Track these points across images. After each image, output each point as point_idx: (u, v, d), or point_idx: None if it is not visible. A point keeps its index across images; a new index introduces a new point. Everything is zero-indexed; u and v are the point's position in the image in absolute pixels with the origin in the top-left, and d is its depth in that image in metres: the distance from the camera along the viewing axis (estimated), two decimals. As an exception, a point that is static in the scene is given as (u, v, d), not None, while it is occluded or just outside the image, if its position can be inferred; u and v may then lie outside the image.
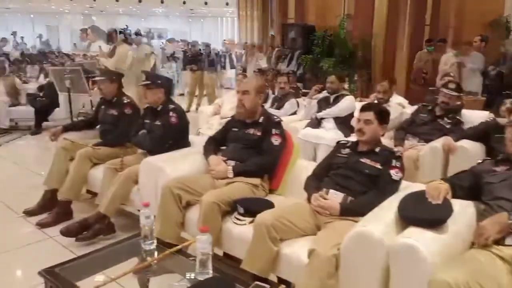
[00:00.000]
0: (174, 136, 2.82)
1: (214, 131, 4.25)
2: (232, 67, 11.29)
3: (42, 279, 1.66)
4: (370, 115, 2.13)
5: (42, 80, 8.26)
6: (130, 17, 26.99)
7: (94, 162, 3.01)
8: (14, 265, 2.39)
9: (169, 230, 2.23)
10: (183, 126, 2.91)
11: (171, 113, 2.78)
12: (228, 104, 4.77)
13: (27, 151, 5.29)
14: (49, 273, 1.67)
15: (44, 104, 5.98)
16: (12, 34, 15.72)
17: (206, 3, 23.41)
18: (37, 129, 5.94)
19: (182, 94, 9.71)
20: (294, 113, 4.79)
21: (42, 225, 2.81)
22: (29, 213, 2.98)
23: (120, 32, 7.60)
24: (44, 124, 5.97)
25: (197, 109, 7.46)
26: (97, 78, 3.27)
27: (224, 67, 10.79)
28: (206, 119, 4.95)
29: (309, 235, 2.00)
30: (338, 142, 2.40)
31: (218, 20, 29.32)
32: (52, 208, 3.05)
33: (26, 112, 6.03)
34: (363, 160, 2.13)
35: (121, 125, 3.10)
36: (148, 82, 2.82)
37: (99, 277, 1.61)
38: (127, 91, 5.78)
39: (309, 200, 2.14)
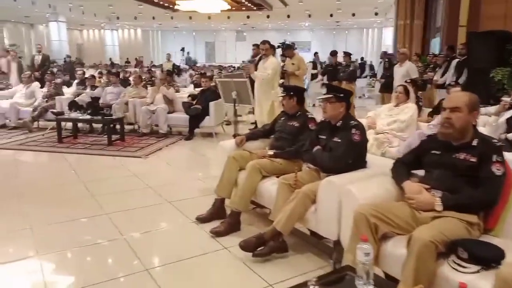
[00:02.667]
0: (355, 155, 2.47)
1: (372, 147, 3.86)
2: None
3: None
4: None
5: (192, 89, 9.03)
6: (277, 31, 28.27)
7: (264, 174, 2.88)
8: (194, 274, 2.35)
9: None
10: (364, 144, 2.55)
11: (353, 130, 2.44)
12: (385, 118, 4.19)
13: (183, 155, 5.64)
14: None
15: (198, 112, 6.38)
16: (181, 50, 17.88)
17: (353, 15, 23.00)
18: (190, 135, 6.39)
19: (314, 105, 9.43)
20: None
21: (215, 233, 2.78)
22: (201, 220, 3.00)
23: (278, 47, 7.76)
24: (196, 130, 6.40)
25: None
26: (281, 95, 3.15)
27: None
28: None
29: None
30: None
31: (363, 31, 28.55)
32: (221, 216, 3.03)
33: (181, 119, 6.54)
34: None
35: (302, 139, 2.90)
36: (330, 95, 2.53)
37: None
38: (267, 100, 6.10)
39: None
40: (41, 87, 7.60)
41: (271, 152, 3.01)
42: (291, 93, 3.10)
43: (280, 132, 3.19)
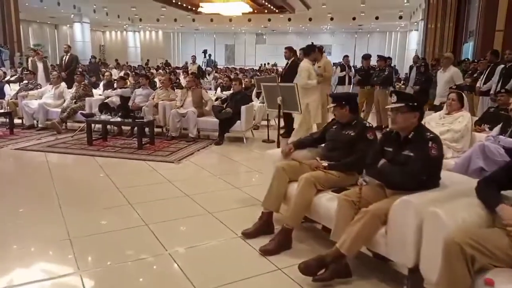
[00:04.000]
0: (431, 171, 2.22)
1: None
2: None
3: None
4: None
5: (219, 92, 8.87)
6: (298, 35, 28.05)
7: (318, 188, 2.66)
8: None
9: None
10: (441, 160, 2.29)
11: (430, 143, 2.19)
12: (436, 127, 3.88)
13: (216, 161, 5.42)
14: None
15: (229, 116, 6.20)
16: (203, 52, 17.85)
17: (377, 18, 22.60)
18: (220, 140, 6.20)
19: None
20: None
21: (265, 252, 2.57)
22: (247, 235, 2.79)
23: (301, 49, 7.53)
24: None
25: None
26: (331, 105, 2.92)
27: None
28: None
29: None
30: None
31: (386, 35, 28.05)
32: (269, 231, 2.82)
33: (211, 123, 6.37)
34: None
35: (360, 150, 2.67)
36: (401, 104, 2.29)
37: None
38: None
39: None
40: (68, 88, 7.55)
41: (325, 164, 2.79)
42: (343, 102, 2.87)
43: (333, 141, 2.96)
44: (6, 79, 8.88)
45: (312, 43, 7.29)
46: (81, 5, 19.71)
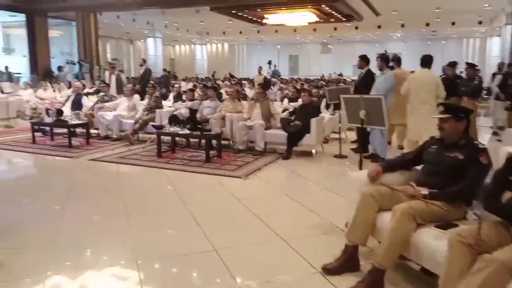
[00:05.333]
0: None
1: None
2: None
3: None
4: None
5: (286, 103, 8.55)
6: (365, 43, 27.04)
7: (418, 222, 2.21)
8: None
9: None
10: None
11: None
12: None
13: (285, 177, 5.08)
14: None
15: (298, 129, 5.87)
16: (268, 63, 17.81)
17: (453, 24, 21.01)
18: (288, 154, 5.88)
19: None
20: None
21: (352, 297, 2.18)
22: (328, 271, 2.42)
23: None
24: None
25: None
26: (439, 116, 2.45)
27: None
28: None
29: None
30: None
31: (463, 41, 25.99)
32: (354, 267, 2.43)
33: (278, 136, 6.07)
34: None
35: (471, 177, 2.19)
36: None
37: None
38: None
39: None
40: (141, 100, 7.75)
41: (425, 192, 2.34)
42: (461, 114, 2.39)
43: (433, 164, 2.49)
44: (85, 91, 9.42)
45: (385, 51, 6.83)
46: (154, 21, 20.75)
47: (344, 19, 20.01)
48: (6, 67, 14.57)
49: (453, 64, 7.15)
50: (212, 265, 2.61)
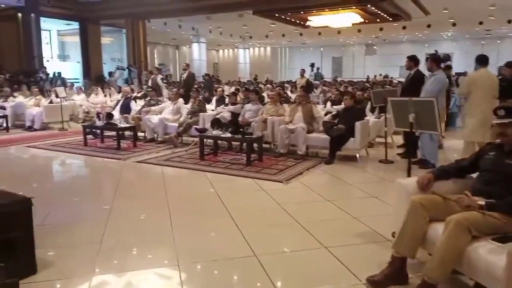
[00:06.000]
0: None
1: None
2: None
3: None
4: None
5: (329, 106, 8.35)
6: (413, 43, 26.04)
7: (474, 235, 2.05)
8: None
9: None
10: None
11: None
12: None
13: (327, 182, 4.88)
14: None
15: (341, 133, 5.71)
16: (310, 65, 17.64)
17: (509, 22, 19.67)
18: (331, 158, 5.73)
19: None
20: None
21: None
22: (373, 283, 2.30)
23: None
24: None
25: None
26: (498, 121, 2.26)
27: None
28: None
29: None
30: None
31: (522, 40, 24.29)
32: (401, 281, 2.29)
33: (321, 139, 5.95)
34: None
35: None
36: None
37: None
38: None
39: None
40: (185, 103, 7.92)
41: (481, 202, 2.16)
42: None
43: (491, 172, 2.31)
44: (133, 95, 9.80)
45: (436, 51, 6.50)
46: (199, 27, 21.26)
47: (391, 19, 19.38)
48: (59, 73, 15.50)
49: (510, 65, 6.65)
50: (252, 270, 2.57)
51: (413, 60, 6.08)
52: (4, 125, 9.16)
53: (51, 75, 15.08)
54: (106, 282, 2.44)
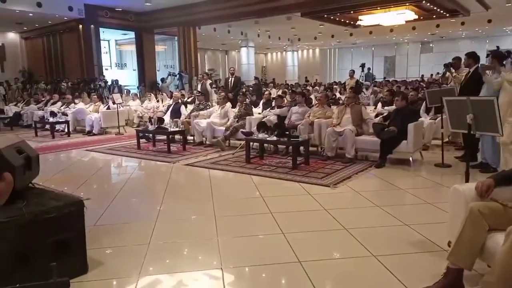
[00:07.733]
0: None
1: None
2: None
3: None
4: None
5: (380, 108, 8.00)
6: (472, 40, 24.41)
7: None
8: None
9: None
10: None
11: None
12: None
13: (377, 187, 4.63)
14: None
15: (393, 135, 5.43)
16: (361, 66, 17.15)
17: None
18: (381, 162, 5.47)
19: None
20: None
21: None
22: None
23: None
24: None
25: None
26: None
27: None
28: None
29: None
30: None
31: None
32: (458, 294, 2.13)
33: (370, 142, 5.69)
34: None
35: None
36: None
37: None
38: None
39: None
40: (232, 107, 8.01)
41: (551, 212, 1.93)
42: None
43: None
44: (183, 100, 10.10)
45: (498, 47, 5.98)
46: (248, 31, 21.52)
47: (448, 15, 18.32)
48: (117, 81, 16.39)
49: None
50: (295, 277, 2.50)
51: (472, 57, 5.68)
52: (66, 130, 9.83)
53: (109, 83, 16.00)
54: (153, 282, 2.49)
